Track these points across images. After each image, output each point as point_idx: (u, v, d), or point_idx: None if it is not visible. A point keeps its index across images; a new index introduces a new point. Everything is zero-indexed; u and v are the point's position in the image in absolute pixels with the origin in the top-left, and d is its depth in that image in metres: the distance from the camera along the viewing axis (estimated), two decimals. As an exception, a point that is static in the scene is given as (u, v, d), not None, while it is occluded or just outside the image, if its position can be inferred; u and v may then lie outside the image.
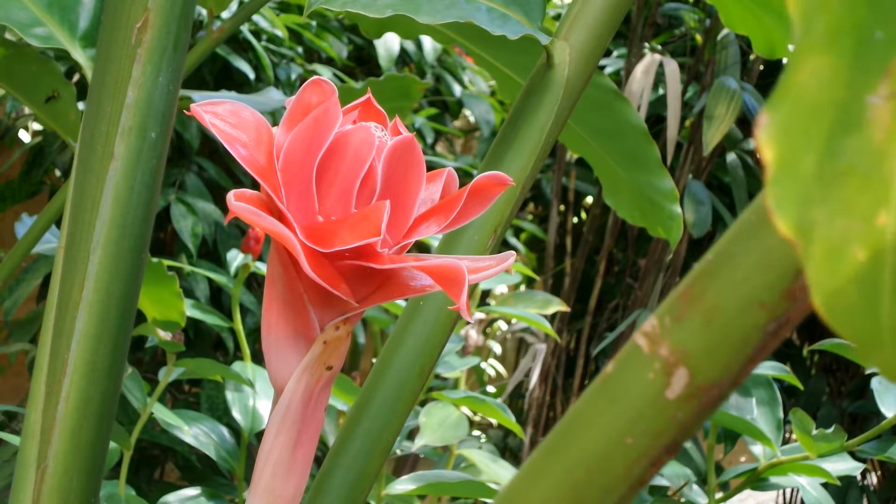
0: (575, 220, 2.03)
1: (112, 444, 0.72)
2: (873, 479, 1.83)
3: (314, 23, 1.56)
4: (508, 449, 1.79)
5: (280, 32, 1.42)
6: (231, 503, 0.91)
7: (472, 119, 2.20)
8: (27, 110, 1.44)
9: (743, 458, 2.18)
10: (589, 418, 0.21)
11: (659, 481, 0.91)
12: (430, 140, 1.68)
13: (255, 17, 1.41)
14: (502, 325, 2.06)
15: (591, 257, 1.89)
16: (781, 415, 0.81)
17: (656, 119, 1.75)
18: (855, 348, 0.15)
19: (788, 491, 1.95)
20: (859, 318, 0.15)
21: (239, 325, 0.96)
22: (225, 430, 0.90)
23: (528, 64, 0.51)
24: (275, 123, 0.34)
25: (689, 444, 1.07)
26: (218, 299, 1.34)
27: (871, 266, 0.14)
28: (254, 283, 1.40)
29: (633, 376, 0.20)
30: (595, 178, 1.60)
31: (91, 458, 0.39)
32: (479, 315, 1.46)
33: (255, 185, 0.33)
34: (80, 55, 0.57)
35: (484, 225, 0.46)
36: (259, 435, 0.87)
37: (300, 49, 1.55)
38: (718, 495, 0.83)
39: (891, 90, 0.14)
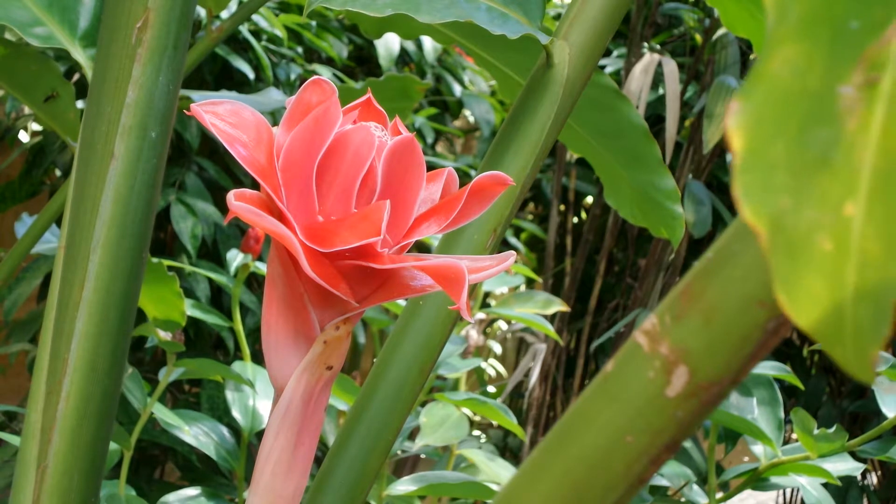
0: (575, 219, 2.03)
1: (112, 444, 0.72)
2: (873, 479, 1.83)
3: (314, 23, 1.56)
4: (508, 449, 1.79)
5: (280, 32, 1.42)
6: (231, 503, 0.91)
7: (472, 119, 2.20)
8: (27, 110, 1.44)
9: (746, 458, 2.18)
10: (589, 416, 0.21)
11: (659, 481, 0.91)
12: (430, 140, 1.68)
13: (255, 17, 1.41)
14: (502, 324, 2.06)
15: (591, 257, 1.89)
16: (782, 414, 0.81)
17: (656, 119, 1.75)
18: (818, 342, 0.15)
19: (789, 491, 1.95)
20: (823, 310, 0.15)
21: (239, 325, 0.96)
22: (225, 430, 0.90)
23: (528, 63, 0.51)
24: (275, 123, 0.34)
25: (689, 444, 1.07)
26: (218, 299, 1.34)
27: (837, 257, 0.14)
28: (254, 282, 1.40)
29: (634, 374, 0.20)
30: (595, 178, 1.60)
31: (91, 457, 0.39)
32: (480, 315, 1.46)
33: (255, 185, 0.33)
34: (80, 55, 0.57)
35: (484, 225, 0.46)
36: (259, 435, 0.87)
37: (300, 49, 1.55)
38: (719, 495, 0.83)
39: (865, 80, 0.14)
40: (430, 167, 0.35)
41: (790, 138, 0.15)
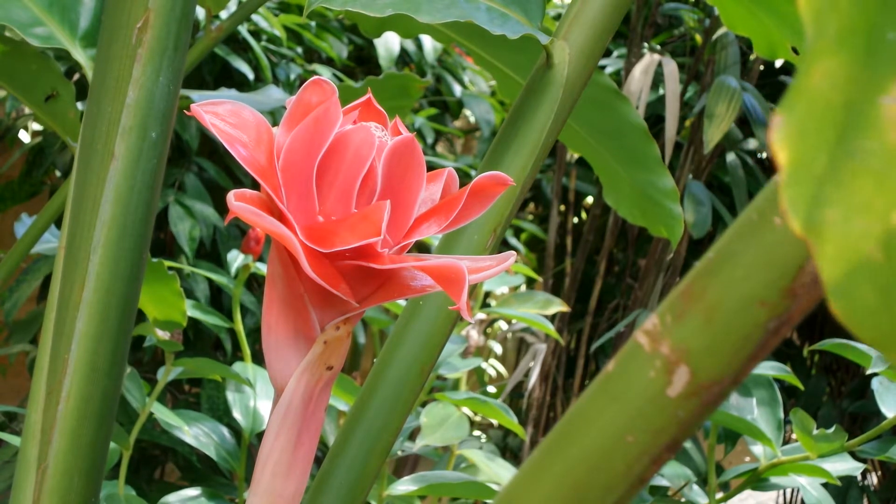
0: (575, 220, 2.03)
1: (111, 444, 0.72)
2: (873, 479, 1.83)
3: (314, 23, 1.56)
4: (508, 449, 1.79)
5: (279, 32, 1.42)
6: (231, 503, 0.91)
7: (472, 119, 2.20)
8: (27, 110, 1.44)
9: (747, 459, 2.18)
10: (590, 416, 0.21)
11: (659, 481, 0.91)
12: (430, 140, 1.68)
13: (255, 18, 1.41)
14: (503, 325, 2.06)
15: (591, 257, 1.89)
16: (782, 415, 0.81)
17: (656, 119, 1.76)
18: (858, 350, 0.15)
19: (788, 491, 1.95)
20: (876, 317, 0.15)
21: (239, 326, 0.96)
22: (225, 431, 0.90)
23: (528, 64, 0.51)
24: (275, 123, 0.34)
25: (689, 445, 1.08)
26: (218, 300, 1.34)
27: (887, 265, 0.14)
28: (254, 283, 1.40)
29: (635, 374, 0.20)
30: (595, 178, 1.60)
31: (91, 457, 0.39)
32: (480, 315, 1.46)
33: (255, 186, 0.33)
34: (80, 55, 0.57)
35: (484, 225, 0.46)
36: (259, 435, 0.87)
37: (300, 49, 1.55)
38: (719, 495, 0.83)
39: None
40: (430, 167, 0.35)
41: (834, 150, 0.15)
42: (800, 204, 0.15)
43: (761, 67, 1.73)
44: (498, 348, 2.14)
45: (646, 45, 1.75)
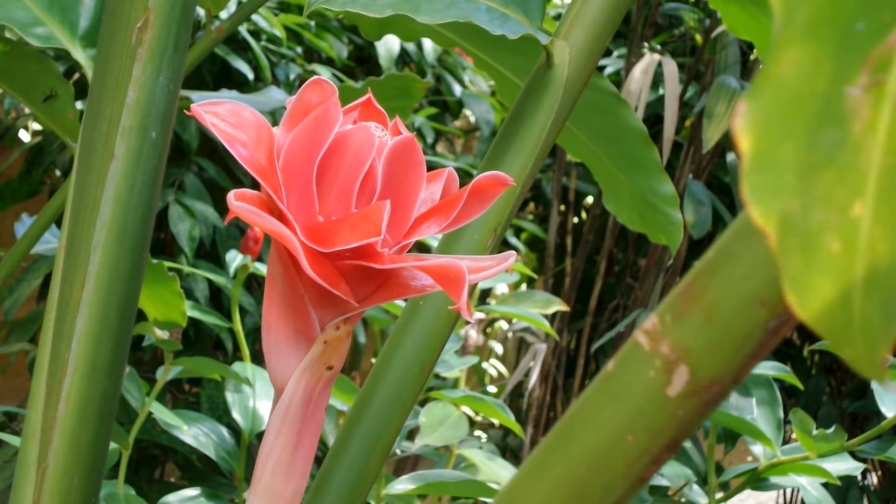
0: (575, 220, 2.03)
1: (111, 444, 0.72)
2: (874, 479, 1.83)
3: (313, 23, 1.56)
4: (508, 449, 1.79)
5: (279, 32, 1.42)
6: (231, 503, 0.91)
7: (472, 119, 2.20)
8: (27, 110, 1.44)
9: (749, 458, 2.18)
10: (590, 416, 0.21)
11: (659, 481, 0.91)
12: (430, 140, 1.68)
13: (255, 17, 1.41)
14: (503, 324, 2.06)
15: (591, 257, 1.89)
16: (782, 415, 0.81)
17: (655, 119, 1.75)
18: (828, 342, 0.15)
19: (789, 491, 1.95)
20: (832, 310, 0.15)
21: (238, 326, 0.96)
22: (225, 431, 0.90)
23: (527, 65, 0.51)
24: (275, 123, 0.34)
25: (689, 445, 1.08)
26: (218, 300, 1.34)
27: (845, 258, 0.14)
28: (253, 283, 1.40)
29: (634, 374, 0.20)
30: (595, 179, 1.60)
31: (91, 457, 0.39)
32: (480, 315, 1.46)
33: (255, 185, 0.33)
34: (80, 55, 0.57)
35: (484, 225, 0.46)
36: (259, 435, 0.87)
37: (300, 49, 1.55)
38: (719, 495, 0.83)
39: (870, 81, 0.14)
40: (431, 167, 0.35)
41: (798, 140, 0.15)
42: (761, 193, 0.15)
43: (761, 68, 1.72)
44: (498, 348, 2.14)
45: (646, 45, 1.75)
